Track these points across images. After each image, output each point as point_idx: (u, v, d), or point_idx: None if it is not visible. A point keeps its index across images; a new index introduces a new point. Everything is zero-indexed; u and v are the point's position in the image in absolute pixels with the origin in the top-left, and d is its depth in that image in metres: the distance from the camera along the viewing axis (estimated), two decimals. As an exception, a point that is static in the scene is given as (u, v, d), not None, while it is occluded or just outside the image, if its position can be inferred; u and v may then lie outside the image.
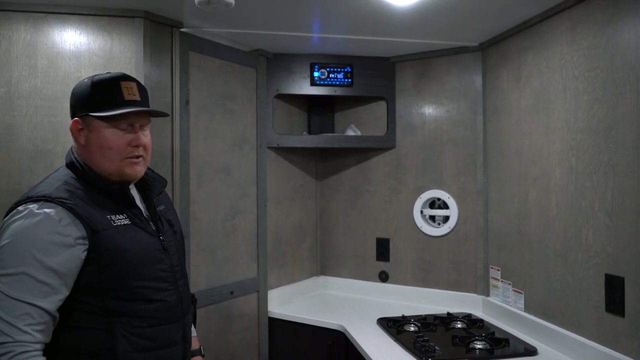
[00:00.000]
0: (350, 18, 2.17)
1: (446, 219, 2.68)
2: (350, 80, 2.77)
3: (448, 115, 2.66)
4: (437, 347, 1.99)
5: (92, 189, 1.35)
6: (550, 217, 2.03)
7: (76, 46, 2.03)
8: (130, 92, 1.38)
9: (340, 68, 2.76)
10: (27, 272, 1.19)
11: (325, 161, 3.08)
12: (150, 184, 1.50)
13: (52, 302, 1.22)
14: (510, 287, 2.34)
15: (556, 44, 2.00)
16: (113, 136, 1.35)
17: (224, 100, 2.46)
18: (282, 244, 2.85)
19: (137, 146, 1.38)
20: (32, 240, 1.21)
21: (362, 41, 2.50)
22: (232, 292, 2.45)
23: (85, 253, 1.27)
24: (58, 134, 1.99)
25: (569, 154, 1.92)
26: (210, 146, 2.39)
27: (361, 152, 2.92)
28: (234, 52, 2.51)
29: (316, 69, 2.74)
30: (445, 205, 2.68)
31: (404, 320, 2.36)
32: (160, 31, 2.15)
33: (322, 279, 3.07)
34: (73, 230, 1.25)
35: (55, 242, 1.22)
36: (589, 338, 1.83)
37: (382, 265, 2.88)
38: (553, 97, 2.02)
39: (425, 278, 2.74)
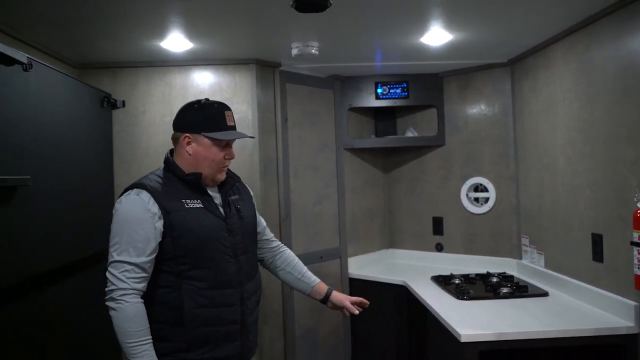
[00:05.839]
0: (402, 51, 2.94)
1: (486, 200, 3.38)
2: (406, 93, 3.53)
3: (485, 118, 3.36)
4: (471, 291, 2.73)
5: (175, 179, 1.73)
6: (557, 194, 2.70)
7: (211, 85, 2.97)
8: (230, 119, 1.77)
9: (398, 84, 3.53)
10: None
11: (390, 157, 3.87)
12: (226, 180, 1.83)
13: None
14: (535, 250, 3.02)
15: (557, 64, 2.66)
16: (216, 151, 1.73)
17: (310, 116, 3.33)
18: (357, 223, 3.68)
19: (228, 159, 1.79)
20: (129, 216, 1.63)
21: (414, 65, 3.27)
22: (321, 257, 3.32)
23: (162, 227, 1.64)
24: (202, 146, 2.94)
25: (567, 146, 2.59)
26: (302, 151, 3.27)
27: (417, 149, 3.68)
28: (317, 79, 3.38)
29: (379, 87, 3.53)
30: (485, 189, 3.38)
31: (451, 277, 3.10)
32: (266, 70, 3.05)
33: (390, 251, 3.87)
34: (155, 208, 1.64)
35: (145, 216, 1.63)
36: (582, 281, 2.50)
37: (438, 239, 3.62)
38: (556, 105, 2.68)
39: (471, 247, 3.46)
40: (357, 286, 3.46)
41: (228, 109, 1.79)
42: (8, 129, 1.82)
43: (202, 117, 1.74)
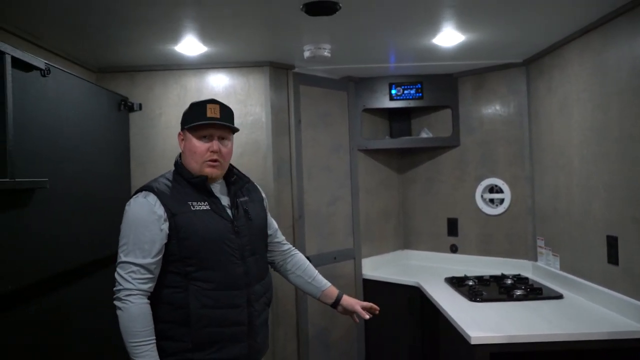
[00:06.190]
0: (415, 52, 2.93)
1: (501, 201, 3.35)
2: (420, 94, 3.52)
3: (500, 118, 3.33)
4: (484, 293, 2.72)
5: (184, 181, 1.76)
6: (572, 195, 2.67)
7: (226, 88, 3.00)
8: (213, 112, 1.74)
9: (413, 85, 3.52)
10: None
11: (404, 158, 3.87)
12: (235, 182, 1.87)
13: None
14: (550, 252, 2.98)
15: (572, 64, 2.63)
16: (197, 144, 1.74)
17: (324, 118, 3.34)
18: (371, 224, 3.68)
19: (213, 152, 1.74)
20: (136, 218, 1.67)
21: (428, 65, 3.26)
22: (335, 258, 3.33)
23: (167, 229, 1.66)
24: (216, 148, 2.98)
25: (581, 146, 2.56)
26: (316, 151, 3.28)
27: (432, 150, 3.67)
28: (330, 81, 3.39)
29: (393, 88, 3.53)
30: (500, 190, 3.36)
31: (465, 278, 3.08)
32: (280, 73, 3.07)
33: (404, 252, 3.86)
34: (160, 210, 1.67)
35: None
36: (597, 283, 2.46)
37: (452, 240, 3.61)
38: (570, 105, 2.65)
39: (486, 249, 3.43)
40: (370, 287, 3.46)
41: (215, 102, 1.77)
42: (27, 133, 1.88)
43: (189, 113, 1.80)
